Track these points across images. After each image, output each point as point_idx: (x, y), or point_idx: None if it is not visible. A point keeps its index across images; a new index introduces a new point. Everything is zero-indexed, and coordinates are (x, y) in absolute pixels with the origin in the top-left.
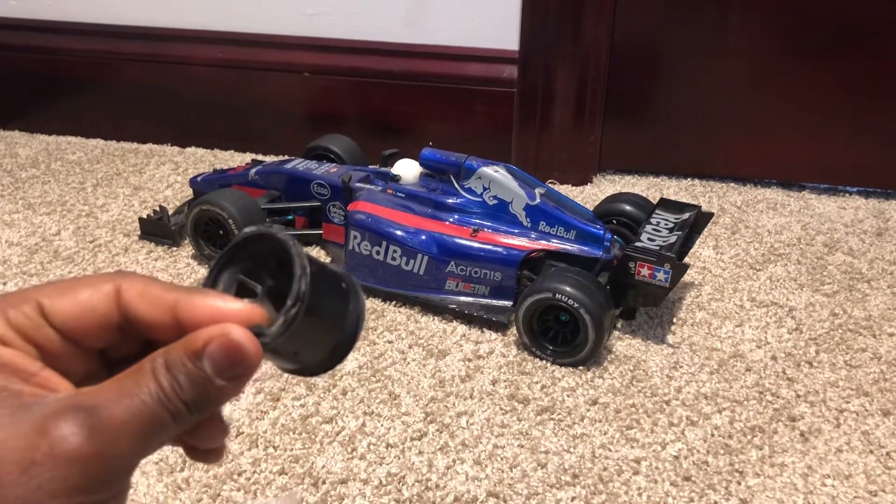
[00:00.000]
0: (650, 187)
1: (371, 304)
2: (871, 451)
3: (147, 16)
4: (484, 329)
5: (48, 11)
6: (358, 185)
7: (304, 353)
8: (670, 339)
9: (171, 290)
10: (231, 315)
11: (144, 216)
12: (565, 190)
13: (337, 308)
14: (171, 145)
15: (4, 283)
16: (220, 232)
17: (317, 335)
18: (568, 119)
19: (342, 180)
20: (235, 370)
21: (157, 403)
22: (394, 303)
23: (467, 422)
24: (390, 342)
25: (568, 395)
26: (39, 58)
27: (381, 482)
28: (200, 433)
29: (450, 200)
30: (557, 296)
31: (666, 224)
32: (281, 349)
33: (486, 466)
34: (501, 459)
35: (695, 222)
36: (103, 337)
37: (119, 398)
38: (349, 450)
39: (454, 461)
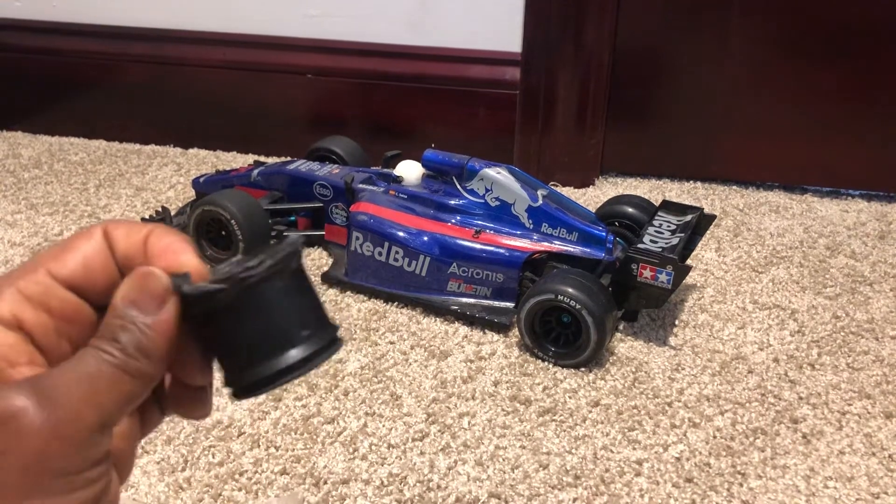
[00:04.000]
0: (652, 190)
1: (373, 305)
2: (874, 454)
3: (150, 17)
4: (486, 330)
5: (52, 13)
6: (360, 186)
7: (223, 345)
8: (672, 341)
9: (147, 226)
10: (179, 249)
11: (147, 217)
12: (567, 192)
13: (283, 331)
14: (174, 146)
15: None
16: (223, 233)
17: (241, 336)
18: (570, 121)
19: (344, 181)
20: (148, 295)
21: (105, 364)
22: (395, 304)
23: (469, 423)
24: (392, 343)
25: (570, 397)
26: (42, 59)
27: (382, 482)
28: (187, 368)
29: (452, 202)
30: (559, 297)
31: (668, 226)
32: (198, 317)
33: (488, 467)
34: (503, 460)
35: (697, 225)
36: (109, 283)
37: (67, 365)
38: (351, 450)
39: (456, 462)
